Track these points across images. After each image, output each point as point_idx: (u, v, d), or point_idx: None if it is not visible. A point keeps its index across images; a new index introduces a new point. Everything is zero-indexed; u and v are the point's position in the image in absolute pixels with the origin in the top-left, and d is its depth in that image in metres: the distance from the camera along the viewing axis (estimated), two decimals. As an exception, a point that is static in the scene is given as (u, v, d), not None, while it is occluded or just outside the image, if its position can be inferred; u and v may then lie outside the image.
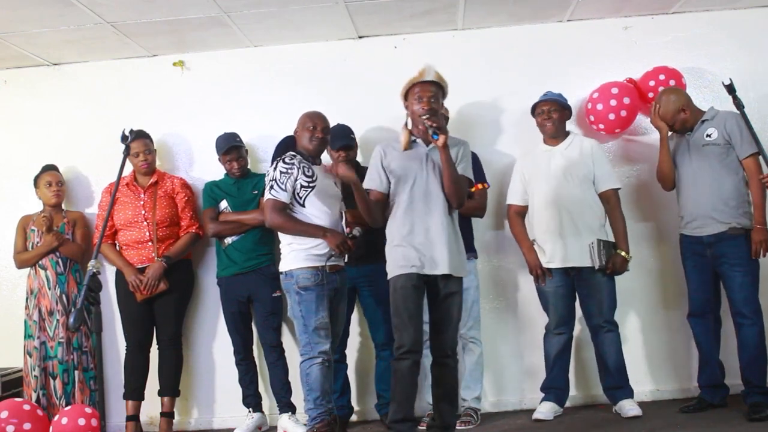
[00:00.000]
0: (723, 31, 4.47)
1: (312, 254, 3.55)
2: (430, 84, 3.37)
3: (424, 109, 3.32)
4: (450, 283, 3.34)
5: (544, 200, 4.02)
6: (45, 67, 4.76)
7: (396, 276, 3.35)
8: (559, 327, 4.05)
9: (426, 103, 3.33)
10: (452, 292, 3.36)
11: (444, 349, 3.37)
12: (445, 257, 3.29)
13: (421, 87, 3.36)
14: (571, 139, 4.13)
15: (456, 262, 3.34)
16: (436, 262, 3.29)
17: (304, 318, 3.51)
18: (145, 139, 4.29)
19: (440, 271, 3.30)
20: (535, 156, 4.16)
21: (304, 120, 3.73)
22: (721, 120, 3.85)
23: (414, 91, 3.38)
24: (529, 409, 4.20)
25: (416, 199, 3.34)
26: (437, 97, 3.38)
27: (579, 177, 4.00)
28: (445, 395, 3.38)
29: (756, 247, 3.73)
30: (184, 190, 4.37)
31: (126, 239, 4.25)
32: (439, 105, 3.41)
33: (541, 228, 4.04)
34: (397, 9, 4.22)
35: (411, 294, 3.30)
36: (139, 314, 4.22)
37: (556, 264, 3.99)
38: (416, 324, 3.30)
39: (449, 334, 3.37)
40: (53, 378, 4.24)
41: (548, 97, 4.11)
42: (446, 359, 3.39)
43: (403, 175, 3.38)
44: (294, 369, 3.98)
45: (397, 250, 3.36)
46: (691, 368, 4.13)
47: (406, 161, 3.40)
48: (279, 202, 3.57)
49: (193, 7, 4.00)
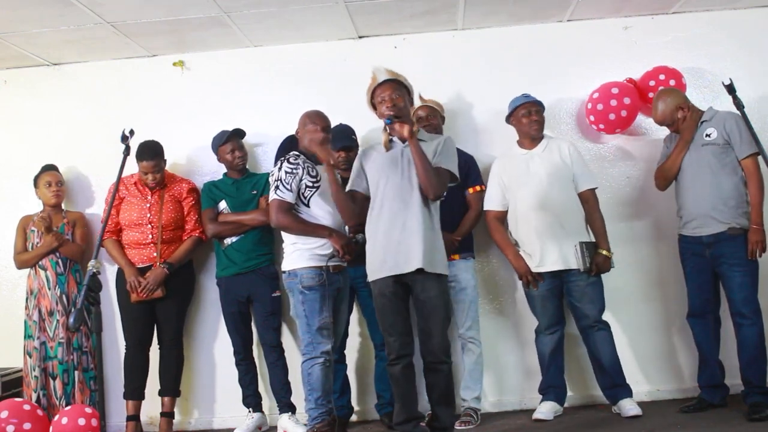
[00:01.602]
0: (723, 31, 4.48)
1: (316, 254, 3.55)
2: (386, 84, 3.34)
3: (387, 107, 3.30)
4: (428, 282, 3.23)
5: (529, 204, 3.99)
6: (45, 67, 4.76)
7: (373, 281, 3.31)
8: (550, 328, 4.06)
9: (388, 101, 3.31)
10: (431, 290, 3.23)
11: (435, 353, 3.25)
12: (419, 251, 3.18)
13: (380, 89, 3.35)
14: (547, 142, 4.11)
15: (431, 257, 3.22)
16: (411, 259, 3.19)
17: (307, 318, 3.51)
18: (156, 159, 4.20)
19: (415, 266, 3.19)
20: (513, 160, 4.13)
21: (305, 120, 3.73)
22: (721, 120, 3.85)
23: (376, 95, 3.37)
24: (529, 409, 4.20)
25: (390, 197, 3.29)
26: (398, 93, 3.33)
27: (562, 179, 3.99)
28: (440, 398, 3.31)
29: (752, 247, 3.73)
30: (191, 194, 4.36)
31: (129, 239, 4.25)
32: (405, 101, 3.36)
33: (527, 232, 4.01)
34: (397, 9, 4.22)
35: (388, 301, 3.26)
36: (139, 314, 4.21)
37: (546, 268, 3.97)
38: (399, 329, 3.27)
39: (437, 337, 3.24)
40: (53, 378, 4.24)
41: (533, 99, 4.09)
42: (438, 364, 3.26)
43: (377, 174, 3.35)
44: (294, 369, 3.99)
45: (371, 252, 3.32)
46: (691, 368, 4.13)
47: (381, 161, 3.38)
48: (285, 203, 3.56)
49: (193, 7, 4.00)
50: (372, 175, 3.38)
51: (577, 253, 3.91)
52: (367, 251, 3.34)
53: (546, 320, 4.06)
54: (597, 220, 4.02)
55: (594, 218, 4.02)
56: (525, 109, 4.08)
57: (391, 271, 3.23)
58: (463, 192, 4.14)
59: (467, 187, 4.15)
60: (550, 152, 4.06)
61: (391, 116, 3.27)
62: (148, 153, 4.17)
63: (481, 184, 4.20)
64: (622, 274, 4.30)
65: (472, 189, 4.17)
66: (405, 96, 3.37)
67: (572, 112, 4.54)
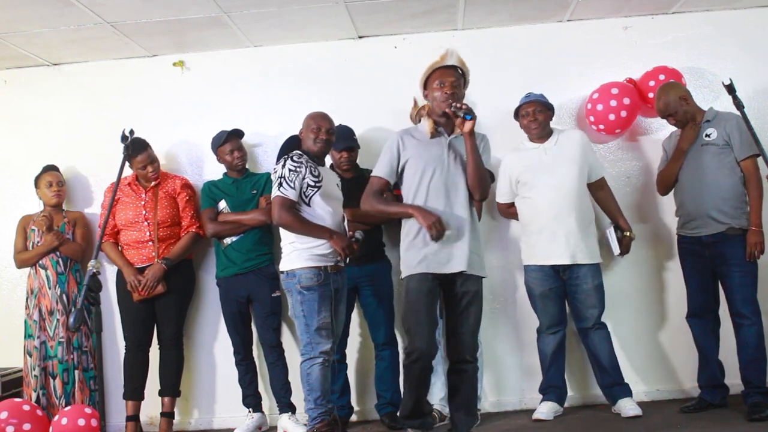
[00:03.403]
0: (723, 31, 4.47)
1: (314, 254, 3.54)
2: (452, 69, 3.22)
3: (446, 93, 3.17)
4: (468, 282, 3.18)
5: (540, 198, 3.99)
6: (45, 67, 4.76)
7: (408, 276, 3.22)
8: (551, 328, 4.06)
9: (449, 87, 3.19)
10: (470, 291, 3.19)
11: (462, 354, 3.19)
12: (464, 254, 3.14)
13: (443, 72, 3.21)
14: (557, 135, 4.11)
15: (475, 260, 3.20)
16: (453, 260, 3.15)
17: (306, 318, 3.50)
18: (147, 150, 4.23)
19: (457, 268, 3.15)
20: (524, 153, 4.13)
21: (309, 122, 3.72)
22: (722, 121, 3.85)
23: (435, 76, 3.23)
24: (529, 409, 4.20)
25: (436, 193, 3.18)
26: (459, 83, 3.23)
27: (574, 171, 3.99)
28: (461, 404, 3.23)
29: (751, 249, 3.74)
30: (185, 189, 4.36)
31: (127, 239, 4.25)
32: (462, 92, 3.25)
33: (539, 226, 4.00)
34: (397, 9, 4.22)
35: (423, 297, 3.16)
36: (139, 314, 4.21)
37: (553, 261, 3.97)
38: (428, 328, 3.17)
39: (467, 337, 3.18)
40: (53, 378, 4.24)
41: (532, 99, 4.09)
42: (464, 365, 3.21)
43: (423, 166, 3.22)
44: (294, 369, 3.99)
45: (412, 247, 3.23)
46: (691, 368, 4.13)
47: (426, 151, 3.24)
48: (287, 200, 3.55)
49: (193, 7, 4.00)
50: (413, 163, 3.24)
51: (612, 238, 4.01)
52: (404, 246, 3.26)
53: (548, 320, 4.06)
54: (613, 202, 4.14)
55: (610, 201, 4.13)
56: (524, 110, 4.10)
57: (430, 268, 3.14)
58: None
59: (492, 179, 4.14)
60: (561, 146, 4.06)
61: (468, 111, 3.11)
62: (139, 146, 4.15)
63: None
64: (621, 274, 4.31)
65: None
66: (462, 87, 3.26)
67: (572, 113, 4.54)
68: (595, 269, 3.98)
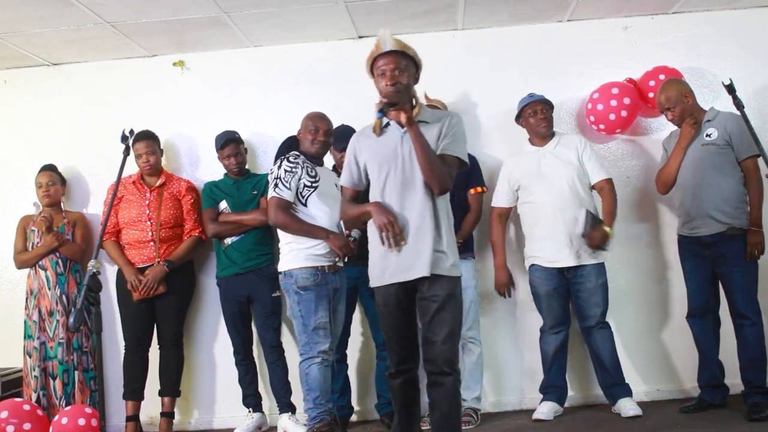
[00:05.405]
0: (723, 31, 4.47)
1: (311, 254, 3.54)
2: (393, 55, 2.87)
3: (388, 85, 2.84)
4: (435, 286, 2.84)
5: (542, 201, 4.01)
6: (45, 67, 4.76)
7: (375, 288, 2.97)
8: (555, 327, 4.06)
9: (389, 77, 2.84)
10: (439, 296, 2.83)
11: (438, 365, 2.83)
12: (426, 257, 2.81)
13: (382, 59, 2.87)
14: (558, 138, 4.12)
15: (441, 260, 2.85)
16: (414, 265, 2.83)
17: (303, 318, 3.51)
18: (148, 140, 4.27)
19: (418, 274, 2.82)
20: (525, 157, 4.14)
21: (307, 122, 3.72)
22: (723, 120, 3.85)
23: (376, 66, 2.90)
24: (529, 409, 4.20)
25: (391, 193, 2.88)
26: (403, 68, 2.87)
27: (574, 175, 4.01)
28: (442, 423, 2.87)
29: (751, 249, 3.74)
30: (190, 192, 4.37)
31: (128, 238, 4.25)
32: (409, 78, 2.89)
33: (541, 229, 4.02)
34: (397, 9, 4.22)
35: (389, 314, 2.91)
36: (139, 314, 4.21)
37: (560, 264, 3.98)
38: (401, 342, 2.94)
39: (441, 346, 2.82)
40: (53, 378, 4.24)
41: (539, 98, 4.10)
42: (440, 377, 2.84)
43: (379, 165, 2.92)
44: (294, 369, 3.98)
45: (372, 256, 2.96)
46: (691, 368, 4.13)
47: (380, 149, 2.93)
48: (283, 201, 3.55)
49: (193, 7, 3.99)
50: (371, 165, 2.95)
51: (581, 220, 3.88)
52: (370, 254, 3.00)
53: (551, 319, 4.06)
54: (610, 205, 4.02)
55: (606, 204, 4.02)
56: (531, 109, 4.10)
57: (394, 278, 2.87)
58: (465, 193, 4.15)
59: (469, 188, 4.15)
60: (562, 148, 4.07)
61: (384, 106, 2.81)
62: (140, 135, 4.17)
63: (482, 186, 4.20)
64: (622, 274, 4.30)
65: (474, 190, 4.17)
66: (410, 72, 2.91)
67: (572, 113, 4.54)
68: (599, 268, 3.99)
